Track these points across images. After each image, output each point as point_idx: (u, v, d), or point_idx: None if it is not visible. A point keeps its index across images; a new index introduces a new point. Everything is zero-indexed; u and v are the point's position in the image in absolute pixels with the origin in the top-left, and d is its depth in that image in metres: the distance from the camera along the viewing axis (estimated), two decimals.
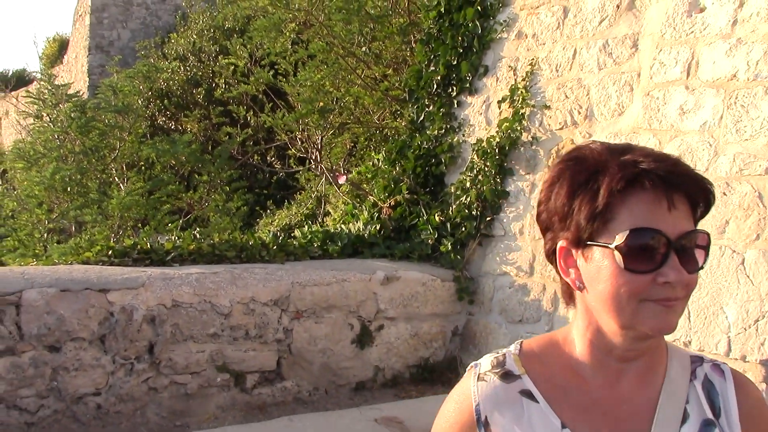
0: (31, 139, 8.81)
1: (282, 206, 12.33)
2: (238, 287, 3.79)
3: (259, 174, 13.19)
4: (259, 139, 11.53)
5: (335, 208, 9.82)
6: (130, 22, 24.00)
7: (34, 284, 3.29)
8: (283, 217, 11.30)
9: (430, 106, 5.06)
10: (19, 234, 7.18)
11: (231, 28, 13.79)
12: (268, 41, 8.42)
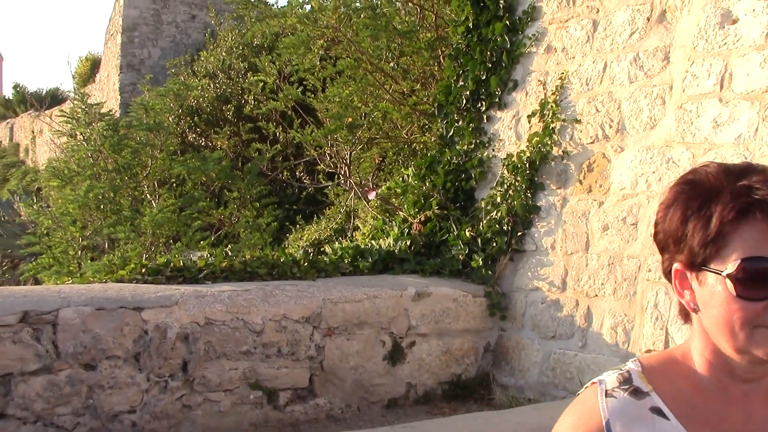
0: (65, 158, 8.95)
1: (311, 221, 12.40)
2: (270, 304, 3.80)
3: (288, 189, 13.28)
4: (288, 155, 11.60)
5: (364, 222, 9.84)
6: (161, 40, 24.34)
7: (70, 303, 3.33)
8: (312, 232, 11.34)
9: (459, 121, 5.05)
10: (54, 251, 7.28)
11: (259, 45, 13.94)
12: (297, 58, 8.49)
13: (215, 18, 16.44)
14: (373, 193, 7.07)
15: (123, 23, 23.77)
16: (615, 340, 3.87)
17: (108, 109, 10.22)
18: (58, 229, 7.59)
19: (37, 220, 7.85)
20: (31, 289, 3.54)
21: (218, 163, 8.34)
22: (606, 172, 4.12)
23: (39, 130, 38.49)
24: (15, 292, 3.37)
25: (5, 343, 3.14)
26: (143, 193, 8.44)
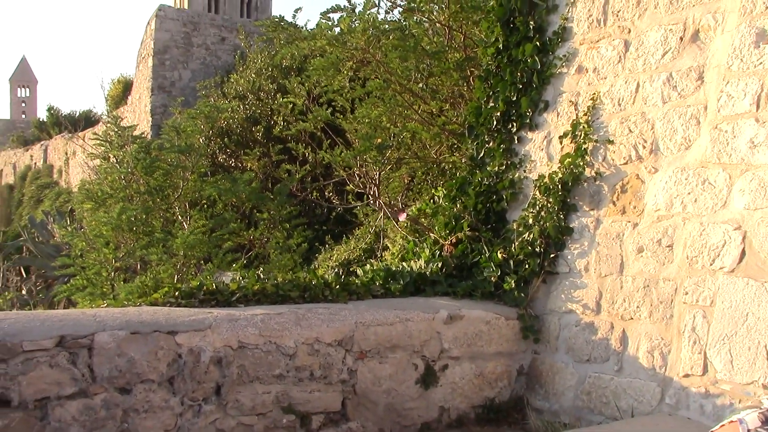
0: (98, 180, 9.07)
1: (340, 241, 12.42)
2: (303, 328, 3.80)
3: (317, 209, 13.34)
4: (317, 175, 11.67)
5: (393, 242, 9.83)
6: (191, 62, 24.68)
7: (105, 327, 3.35)
8: (342, 252, 11.36)
9: (490, 142, 5.04)
10: (88, 273, 7.36)
11: (288, 66, 14.08)
12: (326, 79, 8.55)
13: (245, 40, 16.66)
14: (404, 214, 7.06)
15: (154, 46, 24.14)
16: (652, 364, 3.81)
17: (141, 132, 10.36)
18: (91, 250, 7.68)
19: (71, 242, 7.94)
20: (67, 313, 3.57)
21: (248, 185, 8.40)
22: (640, 194, 4.07)
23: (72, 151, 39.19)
24: (51, 316, 3.40)
25: (42, 367, 3.17)
26: (175, 214, 8.52)
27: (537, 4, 4.81)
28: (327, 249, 12.02)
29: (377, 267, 4.87)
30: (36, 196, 42.43)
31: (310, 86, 9.99)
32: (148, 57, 24.92)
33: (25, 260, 18.02)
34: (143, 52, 25.79)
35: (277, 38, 8.92)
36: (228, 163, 13.72)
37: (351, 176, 9.11)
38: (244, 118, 13.80)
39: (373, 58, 7.45)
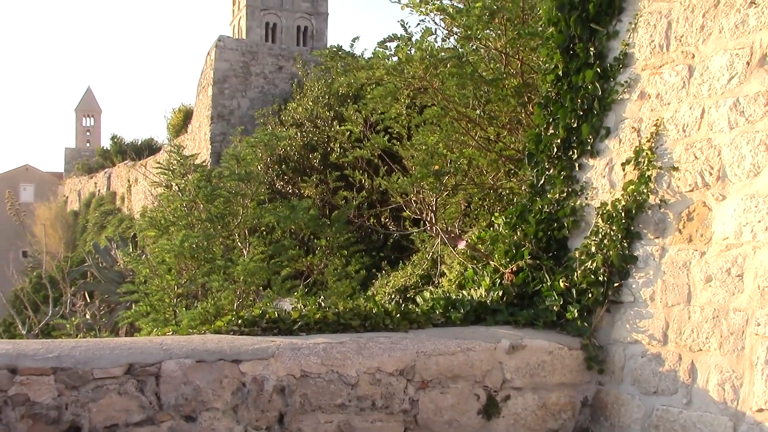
0: (161, 208, 9.27)
1: (396, 267, 12.43)
2: (364, 357, 3.81)
3: (374, 235, 13.39)
4: (373, 202, 11.73)
5: (450, 269, 9.79)
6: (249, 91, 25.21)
7: (172, 355, 3.41)
8: (399, 279, 11.37)
9: (550, 169, 5.00)
10: (151, 299, 7.51)
11: (345, 93, 14.26)
12: (383, 107, 8.61)
13: (302, 69, 16.95)
14: (463, 242, 7.03)
15: (214, 75, 24.75)
16: (723, 398, 3.70)
17: (201, 159, 10.57)
18: (154, 277, 7.84)
19: (135, 269, 8.13)
20: (134, 341, 3.65)
21: (307, 212, 8.49)
22: (707, 221, 3.98)
23: (134, 179, 40.24)
24: (120, 344, 3.48)
25: (112, 395, 3.24)
26: (234, 241, 8.65)
27: (597, 31, 4.77)
28: (384, 275, 12.05)
29: (437, 295, 4.85)
30: (99, 222, 43.65)
31: (367, 113, 10.08)
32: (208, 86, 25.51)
33: (89, 285, 18.51)
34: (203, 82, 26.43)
35: (334, 67, 9.02)
36: (285, 189, 13.91)
37: (408, 202, 9.13)
38: (302, 145, 14.01)
39: (430, 85, 7.49)
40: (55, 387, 3.15)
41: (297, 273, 8.79)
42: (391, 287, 11.26)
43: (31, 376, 3.12)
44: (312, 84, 15.76)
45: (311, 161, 13.71)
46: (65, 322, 9.63)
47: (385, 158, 9.45)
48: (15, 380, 3.10)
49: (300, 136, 13.94)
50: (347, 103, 12.13)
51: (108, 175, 48.91)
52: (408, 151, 8.78)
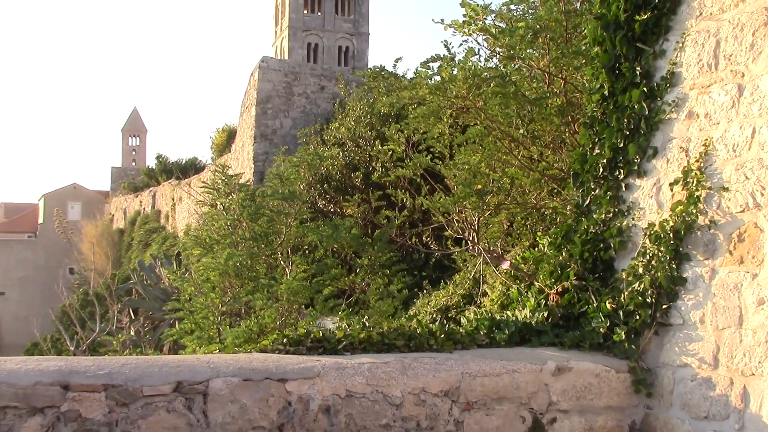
0: (206, 226, 9.38)
1: (438, 286, 12.40)
2: (409, 377, 3.80)
3: (415, 254, 13.38)
4: (415, 221, 11.72)
5: (493, 288, 9.73)
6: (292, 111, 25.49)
7: (219, 373, 3.44)
8: (440, 298, 11.33)
9: (596, 189, 4.95)
10: (196, 317, 7.58)
11: (387, 113, 14.33)
12: (425, 126, 8.64)
13: (344, 89, 17.09)
14: (507, 262, 6.98)
15: (257, 96, 25.09)
16: None
17: (246, 179, 10.70)
18: (199, 295, 7.92)
19: (180, 287, 8.22)
20: (182, 359, 3.69)
21: (349, 231, 8.52)
22: (759, 243, 3.90)
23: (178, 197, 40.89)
24: (169, 362, 3.53)
25: (160, 412, 3.28)
26: (278, 260, 8.71)
27: (643, 50, 4.74)
28: (425, 294, 12.02)
29: (481, 316, 4.82)
30: (144, 240, 44.41)
31: (409, 133, 10.11)
32: (251, 106, 25.85)
33: (134, 302, 18.78)
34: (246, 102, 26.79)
35: (377, 87, 9.08)
36: (327, 208, 14.00)
37: (450, 222, 9.11)
38: (344, 165, 14.09)
39: (473, 105, 7.49)
40: (106, 404, 3.20)
41: (339, 292, 8.82)
42: (432, 306, 11.24)
43: (83, 392, 3.17)
44: (354, 104, 15.87)
45: (353, 180, 13.78)
46: (112, 339, 9.77)
47: (427, 177, 9.46)
48: (67, 396, 3.16)
49: (342, 155, 14.03)
50: (389, 123, 12.18)
51: (153, 193, 49.80)
52: (450, 170, 8.77)
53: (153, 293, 18.43)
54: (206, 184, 9.54)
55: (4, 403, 3.05)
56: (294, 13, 43.79)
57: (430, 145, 9.16)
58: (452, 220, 8.99)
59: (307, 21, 43.18)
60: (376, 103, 13.71)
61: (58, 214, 18.64)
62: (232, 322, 7.88)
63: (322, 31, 43.51)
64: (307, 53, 39.97)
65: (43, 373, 3.17)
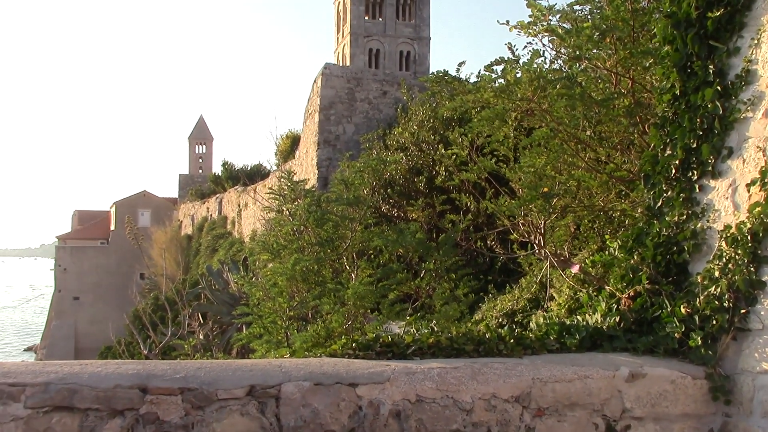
0: (273, 232, 9.52)
1: (503, 291, 12.29)
2: (479, 383, 3.77)
3: (479, 258, 13.30)
4: (479, 225, 11.65)
5: (560, 293, 9.59)
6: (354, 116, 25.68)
7: (291, 377, 3.48)
8: (506, 302, 11.23)
9: (668, 191, 4.83)
10: (264, 321, 7.70)
11: (450, 117, 14.28)
12: (490, 130, 8.58)
13: (407, 93, 17.10)
14: (577, 266, 6.88)
15: (320, 102, 25.35)
16: None
17: (312, 185, 10.82)
18: (267, 299, 8.04)
19: (248, 292, 8.37)
20: (254, 363, 3.74)
21: (414, 235, 8.52)
22: None
23: (244, 203, 41.59)
24: (242, 366, 3.58)
25: (234, 416, 3.34)
26: (343, 265, 8.77)
27: (716, 48, 4.60)
28: (490, 299, 11.93)
29: (551, 320, 4.75)
30: (211, 245, 45.29)
31: (473, 137, 10.05)
32: (314, 113, 26.12)
33: (203, 307, 19.18)
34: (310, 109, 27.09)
35: (440, 91, 9.06)
36: (391, 213, 14.03)
37: (515, 225, 9.03)
38: (407, 169, 14.10)
39: (538, 107, 7.41)
40: (182, 407, 3.27)
41: (404, 296, 8.83)
42: (498, 311, 11.14)
43: (160, 395, 3.25)
44: (416, 108, 15.88)
45: (417, 185, 13.78)
46: (183, 343, 10.00)
47: (491, 181, 9.40)
48: (146, 399, 3.24)
49: (405, 160, 14.05)
50: (452, 127, 12.14)
51: (219, 200, 50.76)
52: (515, 173, 8.69)
53: (221, 298, 18.79)
54: (272, 190, 9.69)
55: (86, 405, 3.15)
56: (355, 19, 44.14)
57: (494, 149, 9.09)
58: (518, 223, 8.91)
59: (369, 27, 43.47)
60: (438, 107, 13.67)
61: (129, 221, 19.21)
62: (300, 326, 7.98)
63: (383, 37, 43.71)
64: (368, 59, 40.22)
65: (122, 376, 3.26)
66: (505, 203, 8.53)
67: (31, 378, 3.14)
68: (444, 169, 11.99)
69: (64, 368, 3.28)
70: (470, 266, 11.02)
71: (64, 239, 74.50)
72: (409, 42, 43.96)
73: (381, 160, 10.91)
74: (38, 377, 3.16)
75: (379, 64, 38.91)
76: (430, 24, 46.45)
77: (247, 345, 8.72)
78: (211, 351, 11.23)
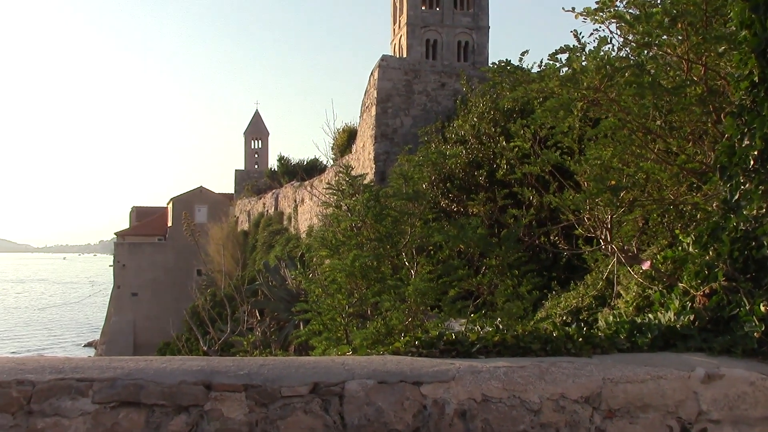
0: (331, 228, 9.60)
1: (567, 288, 12.14)
2: (547, 382, 3.73)
3: (542, 254, 13.16)
4: (542, 219, 11.53)
5: (627, 290, 9.43)
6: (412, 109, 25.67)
7: (354, 375, 3.50)
8: (571, 300, 11.09)
9: (746, 183, 4.70)
10: (323, 318, 7.77)
11: (511, 109, 14.16)
12: (554, 121, 8.47)
13: (466, 85, 16.99)
14: (647, 263, 6.76)
15: (377, 95, 25.40)
16: None
17: (370, 180, 10.87)
18: (326, 296, 8.12)
19: (307, 288, 8.46)
20: (317, 360, 3.78)
21: (475, 231, 8.48)
22: None
23: (300, 199, 42.00)
24: (305, 363, 3.62)
25: (298, 413, 3.37)
26: (403, 261, 8.80)
27: None
28: (554, 296, 11.80)
29: (621, 319, 4.67)
30: (268, 241, 45.88)
31: (536, 128, 9.95)
32: (371, 106, 26.20)
33: (260, 303, 19.45)
34: (366, 102, 27.19)
35: (501, 82, 8.99)
36: (450, 208, 13.99)
37: (580, 220, 8.91)
38: (467, 163, 14.03)
39: (605, 96, 7.29)
40: (246, 404, 3.32)
41: (465, 293, 8.80)
42: (562, 308, 11.02)
43: (224, 392, 3.31)
44: (476, 100, 15.78)
45: (477, 178, 13.71)
46: (242, 339, 10.16)
47: (555, 174, 9.28)
48: (210, 396, 3.30)
49: (465, 153, 13.98)
50: (514, 119, 12.04)
51: (275, 195, 51.36)
52: (581, 166, 8.57)
53: (278, 294, 19.02)
54: (330, 185, 9.77)
55: (152, 401, 3.23)
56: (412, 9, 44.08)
57: (558, 140, 8.97)
58: (583, 218, 8.79)
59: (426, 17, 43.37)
60: (500, 98, 13.55)
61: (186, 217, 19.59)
62: (359, 323, 8.04)
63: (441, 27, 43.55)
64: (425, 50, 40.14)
65: (187, 372, 3.33)
66: (570, 197, 8.43)
67: (98, 373, 3.24)
68: (505, 162, 11.90)
69: (130, 364, 3.37)
70: (533, 262, 10.92)
71: (123, 235, 76.47)
72: (467, 32, 43.70)
73: (440, 153, 10.88)
74: (105, 372, 3.25)
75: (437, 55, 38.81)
76: (489, 13, 46.08)
77: (305, 342, 8.83)
78: (270, 347, 11.39)
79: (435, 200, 13.37)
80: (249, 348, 9.78)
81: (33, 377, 3.23)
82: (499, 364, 3.82)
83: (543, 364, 3.85)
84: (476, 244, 8.47)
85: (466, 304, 7.87)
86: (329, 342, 7.31)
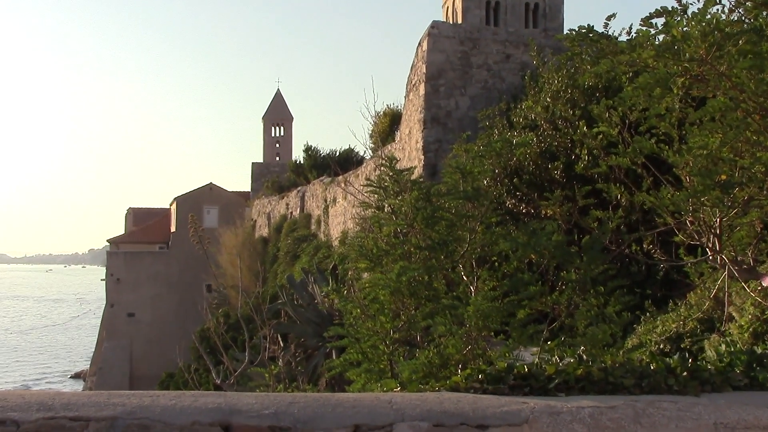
0: (372, 234, 9.61)
1: (665, 308, 12.01)
2: (644, 427, 3.71)
3: (634, 267, 13.04)
4: (633, 223, 11.42)
5: (741, 311, 9.31)
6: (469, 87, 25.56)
7: (404, 416, 3.52)
8: (670, 323, 10.99)
9: None
10: (362, 345, 7.77)
11: (593, 86, 14.07)
12: (647, 102, 8.38)
13: (536, 57, 16.86)
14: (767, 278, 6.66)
15: (427, 70, 25.33)
16: None
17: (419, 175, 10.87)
18: (366, 318, 8.11)
19: (342, 309, 8.48)
20: (358, 398, 3.80)
21: (550, 237, 8.42)
22: None
23: (332, 198, 42.19)
24: (343, 401, 3.64)
25: None
26: (460, 275, 8.76)
27: None
28: (648, 318, 11.70)
29: (737, 349, 4.63)
30: (292, 250, 46.15)
31: (625, 110, 9.85)
32: (419, 84, 26.24)
33: (283, 326, 19.54)
34: (413, 79, 27.22)
35: (582, 54, 8.91)
36: (519, 209, 13.95)
37: (681, 224, 8.81)
38: (538, 153, 13.98)
39: (713, 70, 7.20)
40: None
41: (538, 315, 8.74)
42: (659, 334, 10.92)
43: None
44: (550, 75, 15.69)
45: (551, 173, 13.65)
46: (262, 371, 10.23)
47: (649, 167, 9.18)
48: None
49: (536, 141, 13.93)
50: (597, 99, 11.96)
51: (302, 194, 51.66)
52: (682, 157, 8.47)
53: (306, 316, 19.12)
54: (369, 181, 9.78)
55: None
56: None
57: (653, 125, 8.88)
58: (685, 221, 8.69)
59: None
60: (579, 73, 13.46)
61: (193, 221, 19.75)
62: (406, 352, 8.03)
63: None
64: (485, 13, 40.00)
65: (200, 411, 3.37)
66: (669, 195, 8.33)
67: (95, 411, 3.29)
68: (587, 153, 11.83)
69: (132, 400, 3.42)
70: (622, 277, 10.83)
71: (117, 243, 77.52)
72: None
73: (506, 141, 10.83)
74: (103, 410, 3.30)
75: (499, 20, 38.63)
76: None
77: (340, 375, 8.85)
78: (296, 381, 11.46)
79: (499, 200, 13.33)
80: (271, 381, 9.84)
81: (17, 416, 3.29)
82: (583, 403, 3.81)
83: (638, 404, 3.83)
84: (551, 253, 8.41)
85: (540, 328, 7.82)
86: (370, 375, 7.31)
